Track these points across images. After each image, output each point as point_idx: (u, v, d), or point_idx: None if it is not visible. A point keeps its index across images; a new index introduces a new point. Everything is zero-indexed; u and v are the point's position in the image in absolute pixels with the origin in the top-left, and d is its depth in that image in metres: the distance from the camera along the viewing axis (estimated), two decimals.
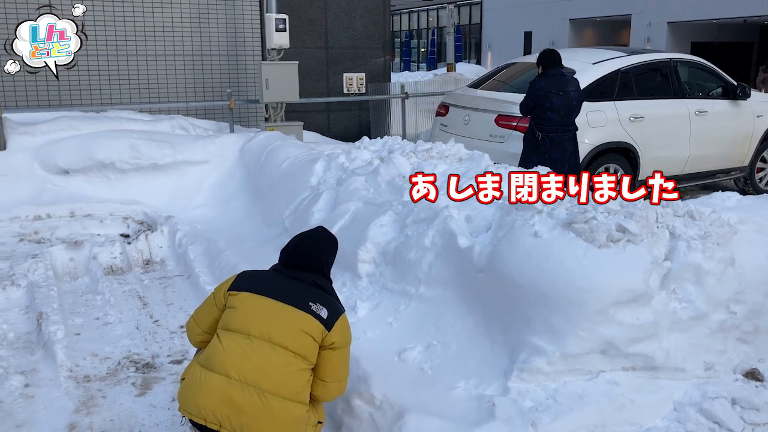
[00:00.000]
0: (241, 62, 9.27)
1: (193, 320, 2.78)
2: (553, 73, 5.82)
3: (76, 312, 4.52)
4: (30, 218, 5.97)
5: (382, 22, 10.82)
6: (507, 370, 3.05)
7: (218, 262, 4.95)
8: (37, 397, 3.49)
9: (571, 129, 5.84)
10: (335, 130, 10.48)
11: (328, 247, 2.82)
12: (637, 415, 2.92)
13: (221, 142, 6.99)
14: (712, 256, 3.17)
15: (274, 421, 2.45)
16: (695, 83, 7.80)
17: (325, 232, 2.90)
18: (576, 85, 5.87)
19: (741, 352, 3.26)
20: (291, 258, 2.76)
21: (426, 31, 35.51)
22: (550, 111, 5.73)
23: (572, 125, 5.84)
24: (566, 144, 5.82)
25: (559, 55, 5.92)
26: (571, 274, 3.01)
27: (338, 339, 2.62)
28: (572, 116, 5.82)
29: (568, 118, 5.80)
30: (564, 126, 5.78)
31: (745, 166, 7.96)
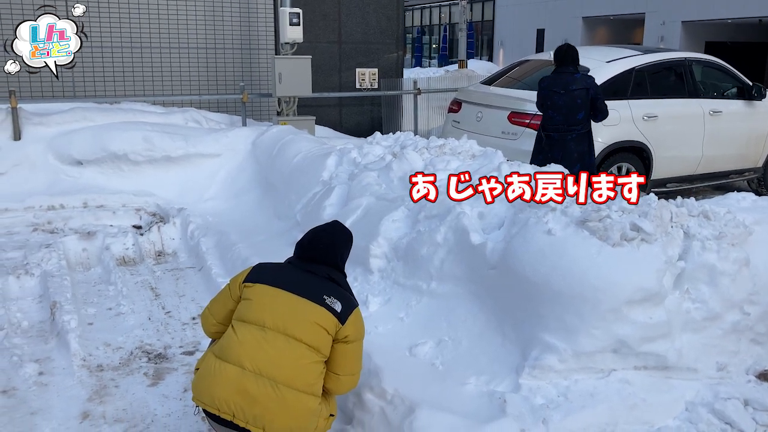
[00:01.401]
0: (255, 56, 9.29)
1: (208, 311, 2.79)
2: (560, 71, 5.64)
3: (89, 302, 4.55)
4: (44, 208, 6.01)
5: (395, 18, 10.81)
6: (518, 366, 3.05)
7: (230, 255, 4.97)
8: (51, 385, 3.52)
9: (575, 129, 5.57)
10: (347, 125, 10.49)
11: (343, 241, 2.83)
12: (648, 414, 2.92)
13: (234, 135, 7.01)
14: (727, 256, 3.16)
15: (287, 412, 2.46)
16: (710, 83, 7.75)
17: (341, 227, 2.91)
18: (585, 82, 5.57)
19: (754, 354, 3.24)
20: (306, 251, 2.77)
21: (438, 27, 35.43)
22: (551, 109, 5.61)
23: (578, 124, 5.57)
24: (570, 144, 5.58)
25: (572, 52, 5.67)
26: (584, 272, 3.01)
27: (352, 332, 2.63)
28: (578, 115, 5.54)
29: (572, 117, 5.54)
30: (567, 125, 5.56)
31: (758, 167, 7.91)
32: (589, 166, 5.66)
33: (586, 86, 5.58)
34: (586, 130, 5.67)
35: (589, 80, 5.67)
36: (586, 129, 5.67)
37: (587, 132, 5.68)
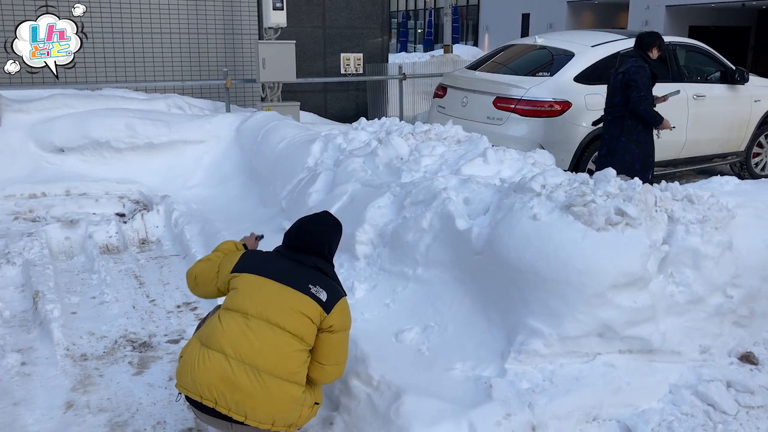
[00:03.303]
0: (238, 41, 9.19)
1: (194, 279, 2.84)
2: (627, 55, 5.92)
3: (72, 291, 4.51)
4: (25, 196, 5.94)
5: (380, 2, 10.73)
6: (504, 351, 3.06)
7: (214, 242, 4.89)
8: (34, 375, 3.49)
9: (611, 111, 5.73)
10: (332, 111, 10.43)
11: (331, 231, 2.82)
12: (633, 397, 2.95)
13: (217, 121, 6.95)
14: (710, 240, 3.18)
15: (269, 400, 2.46)
16: (694, 67, 7.77)
17: (330, 217, 2.90)
18: (625, 67, 5.61)
19: (736, 336, 3.28)
20: (293, 241, 2.76)
21: (423, 12, 35.27)
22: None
23: (614, 107, 5.69)
24: (607, 125, 5.80)
25: (643, 37, 5.70)
26: (569, 257, 3.01)
27: (336, 322, 2.63)
28: (615, 99, 5.67)
29: (610, 100, 5.75)
30: (607, 107, 5.81)
31: (741, 151, 7.97)
32: (617, 152, 5.65)
33: (625, 71, 5.60)
34: (620, 115, 5.68)
35: (631, 66, 5.59)
36: (621, 114, 5.67)
37: (621, 117, 5.67)
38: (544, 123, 6.46)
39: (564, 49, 7.04)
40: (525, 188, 3.42)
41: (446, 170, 4.38)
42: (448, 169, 4.39)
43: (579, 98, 6.51)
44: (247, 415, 2.45)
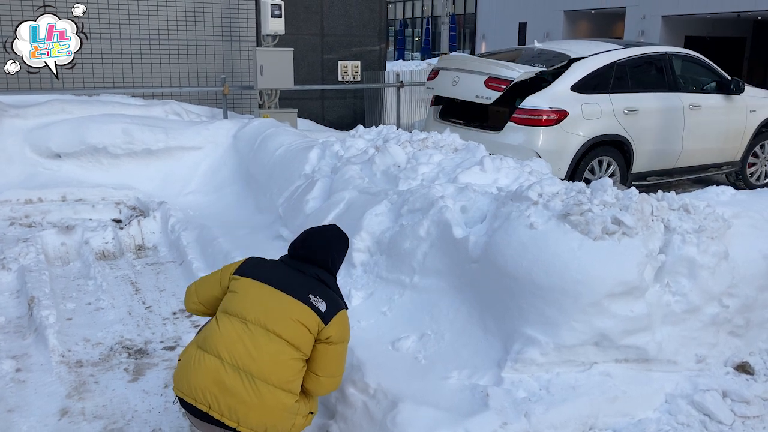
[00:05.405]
0: (236, 48, 9.21)
1: (195, 288, 2.81)
2: None
3: (68, 297, 4.50)
4: (21, 202, 5.92)
5: (378, 10, 10.78)
6: (501, 360, 3.06)
7: (211, 249, 4.93)
8: (29, 381, 3.47)
9: None
10: (329, 118, 10.45)
11: (336, 243, 2.82)
12: (629, 406, 2.94)
13: (215, 128, 6.95)
14: (706, 249, 3.19)
15: (261, 407, 2.45)
16: (690, 77, 7.81)
17: (336, 230, 2.90)
18: None
19: (732, 346, 3.28)
20: (297, 250, 2.77)
21: (421, 20, 35.39)
22: None
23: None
24: None
25: None
26: (566, 266, 3.02)
27: (334, 334, 2.62)
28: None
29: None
30: None
31: (736, 161, 8.00)
32: None
33: None
34: None
35: None
36: None
37: None
38: (540, 132, 6.48)
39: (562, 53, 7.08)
40: (522, 197, 3.43)
41: (443, 178, 4.39)
42: (445, 177, 4.40)
43: (575, 107, 6.54)
44: (239, 421, 2.44)
